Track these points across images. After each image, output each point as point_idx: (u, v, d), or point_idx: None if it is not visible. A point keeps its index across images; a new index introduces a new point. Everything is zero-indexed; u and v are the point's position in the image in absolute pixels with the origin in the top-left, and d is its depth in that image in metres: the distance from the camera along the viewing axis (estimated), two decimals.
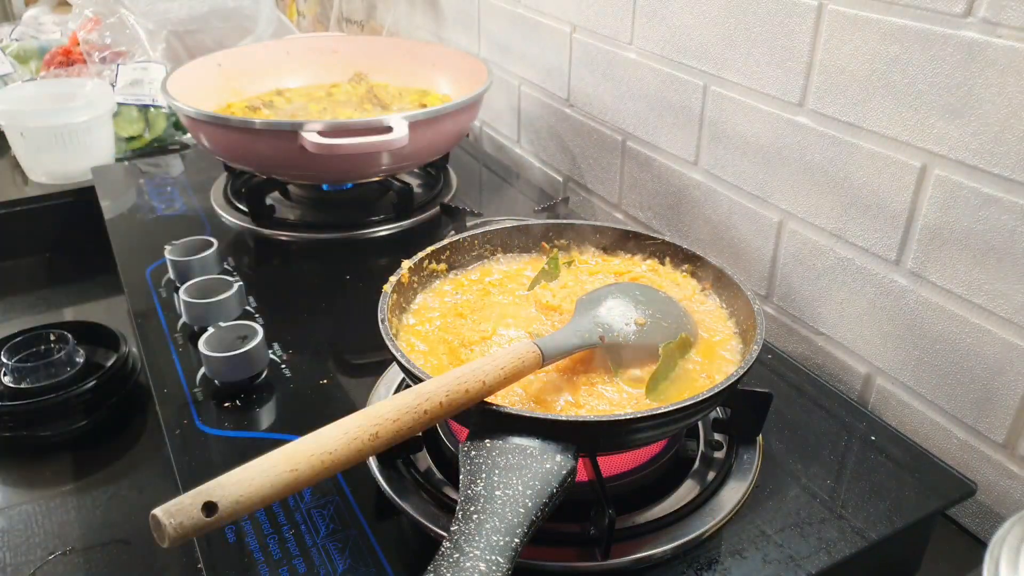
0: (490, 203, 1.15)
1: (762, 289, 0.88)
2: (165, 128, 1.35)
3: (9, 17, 2.40)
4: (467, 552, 0.42)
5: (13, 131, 1.23)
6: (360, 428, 0.47)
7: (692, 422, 0.63)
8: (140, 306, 0.88)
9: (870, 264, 0.75)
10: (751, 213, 0.86)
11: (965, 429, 0.70)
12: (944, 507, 0.65)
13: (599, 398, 0.59)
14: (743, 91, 0.83)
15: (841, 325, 0.80)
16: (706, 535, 0.58)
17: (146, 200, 1.13)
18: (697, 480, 0.63)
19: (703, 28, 0.86)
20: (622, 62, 1.00)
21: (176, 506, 0.41)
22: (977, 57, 0.61)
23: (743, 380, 0.56)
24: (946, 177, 0.66)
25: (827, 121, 0.75)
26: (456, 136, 1.07)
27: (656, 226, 1.02)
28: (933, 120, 0.66)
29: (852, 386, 0.80)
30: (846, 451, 0.68)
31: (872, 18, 0.68)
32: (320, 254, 1.01)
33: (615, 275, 0.73)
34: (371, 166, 0.99)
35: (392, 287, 0.65)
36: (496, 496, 0.46)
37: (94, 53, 1.44)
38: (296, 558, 0.57)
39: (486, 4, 1.29)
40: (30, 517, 0.77)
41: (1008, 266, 0.63)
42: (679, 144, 0.94)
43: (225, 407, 0.72)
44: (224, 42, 1.51)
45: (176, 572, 0.72)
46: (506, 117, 1.33)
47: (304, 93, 1.22)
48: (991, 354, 0.66)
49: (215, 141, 1.00)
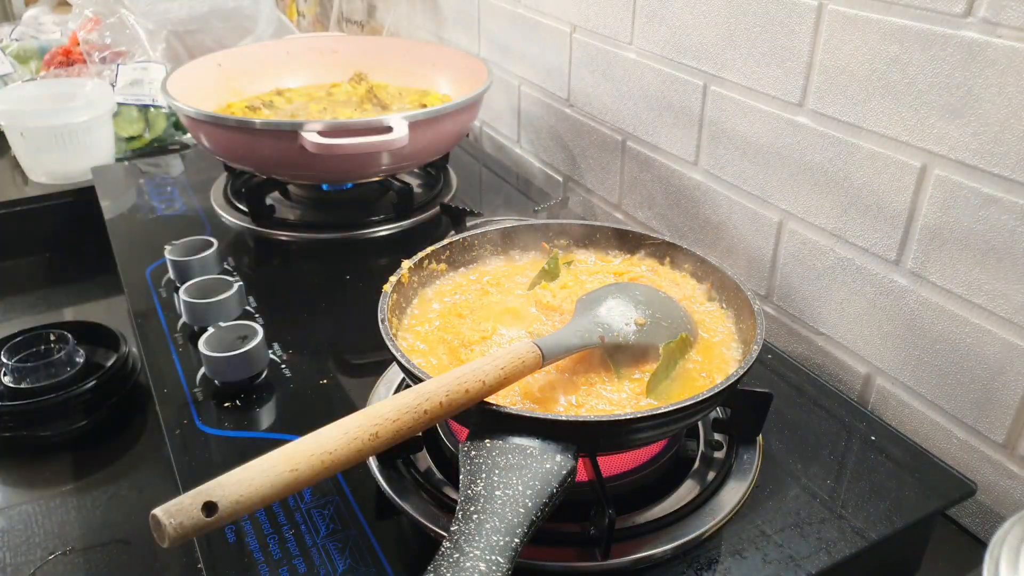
0: (490, 203, 1.15)
1: (762, 289, 0.88)
2: (165, 128, 1.35)
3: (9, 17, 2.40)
4: (467, 552, 0.42)
5: (13, 131, 1.23)
6: (360, 428, 0.47)
7: (692, 422, 0.63)
8: (140, 306, 0.88)
9: (870, 264, 0.75)
10: (751, 213, 0.86)
11: (965, 429, 0.70)
12: (944, 507, 0.65)
13: (599, 398, 0.59)
14: (743, 91, 0.83)
15: (841, 325, 0.80)
16: (706, 535, 0.58)
17: (146, 200, 1.13)
18: (697, 480, 0.63)
19: (703, 28, 0.86)
20: (622, 62, 1.00)
21: (176, 506, 0.41)
22: (977, 57, 0.61)
23: (743, 380, 0.56)
24: (946, 177, 0.66)
25: (827, 121, 0.75)
26: (456, 136, 1.06)
27: (656, 226, 1.02)
28: (933, 120, 0.66)
29: (852, 386, 0.80)
30: (846, 451, 0.68)
31: (872, 18, 0.68)
32: (320, 254, 1.01)
33: (615, 275, 0.73)
34: (371, 166, 0.99)
35: (392, 287, 0.65)
36: (496, 496, 0.46)
37: (94, 53, 1.44)
38: (296, 558, 0.57)
39: (486, 4, 1.29)
40: (30, 517, 0.77)
41: (1008, 266, 0.63)
42: (679, 144, 0.94)
43: (225, 407, 0.72)
44: (224, 42, 1.51)
45: (176, 572, 0.72)
46: (506, 117, 1.33)
47: (304, 93, 1.22)
48: (991, 354, 0.66)
49: (215, 141, 1.00)
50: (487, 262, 0.76)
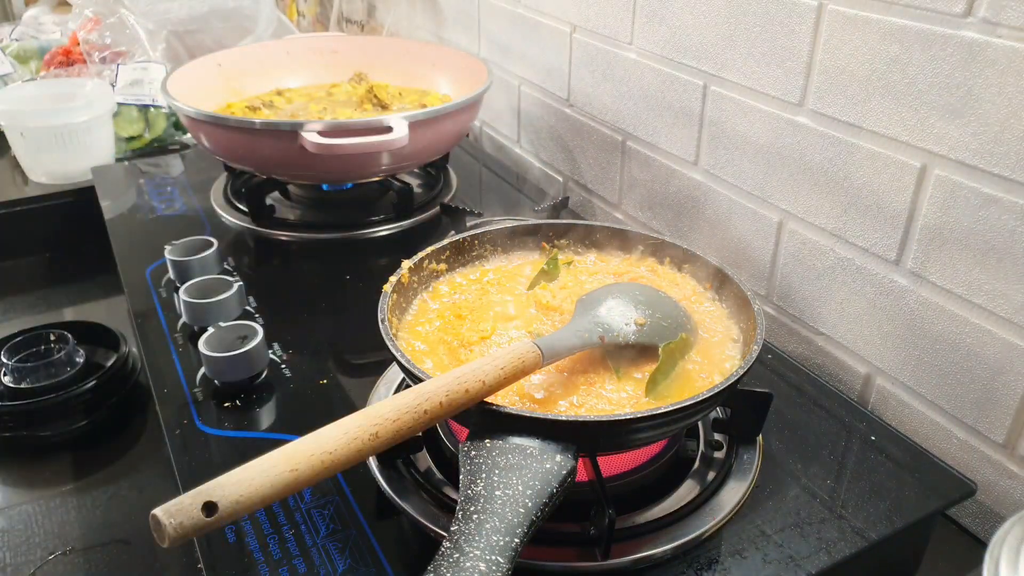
0: (490, 203, 1.15)
1: (762, 289, 0.88)
2: (165, 128, 1.35)
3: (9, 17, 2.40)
4: (467, 552, 0.42)
5: (13, 131, 1.23)
6: (360, 428, 0.47)
7: (692, 422, 0.63)
8: (140, 306, 0.88)
9: (870, 264, 0.75)
10: (751, 213, 0.86)
11: (965, 429, 0.70)
12: (944, 507, 0.65)
13: (599, 398, 0.59)
14: (743, 91, 0.83)
15: (841, 325, 0.80)
16: (706, 535, 0.58)
17: (146, 200, 1.13)
18: (697, 480, 0.63)
19: (703, 28, 0.86)
20: (622, 62, 1.00)
21: (176, 506, 0.41)
22: (977, 57, 0.61)
23: (743, 380, 0.56)
24: (946, 177, 0.66)
25: (827, 121, 0.75)
26: (456, 136, 1.07)
27: (656, 226, 1.02)
28: (933, 120, 0.66)
29: (852, 386, 0.80)
30: (846, 451, 0.68)
31: (872, 18, 0.68)
32: (320, 254, 1.01)
33: (614, 275, 0.73)
34: (371, 166, 0.99)
35: (392, 287, 0.65)
36: (496, 496, 0.46)
37: (94, 53, 1.44)
38: (296, 558, 0.57)
39: (486, 4, 1.29)
40: (30, 517, 0.77)
41: (1008, 266, 0.63)
42: (679, 144, 0.94)
43: (225, 407, 0.72)
44: (224, 42, 1.51)
45: (176, 572, 0.72)
46: (506, 117, 1.33)
47: (304, 93, 1.22)
48: (991, 354, 0.66)
49: (215, 141, 1.00)
50: (487, 262, 0.76)
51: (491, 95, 1.09)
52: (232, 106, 1.16)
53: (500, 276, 0.74)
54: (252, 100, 1.18)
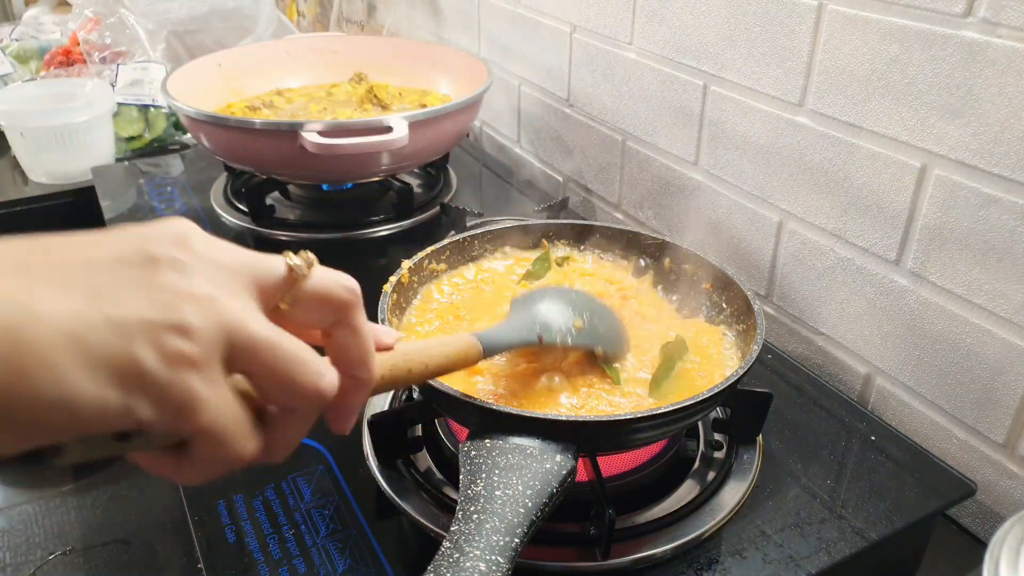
0: (490, 203, 1.15)
1: (762, 289, 0.88)
2: (165, 128, 1.35)
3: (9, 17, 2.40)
4: (467, 552, 0.42)
5: (13, 131, 1.23)
6: None
7: (692, 422, 0.63)
8: None
9: (870, 264, 0.75)
10: (751, 213, 0.86)
11: (965, 429, 0.70)
12: (944, 507, 0.65)
13: (599, 398, 0.59)
14: (743, 91, 0.83)
15: (841, 325, 0.80)
16: (706, 535, 0.58)
17: (146, 200, 1.13)
18: (697, 480, 0.63)
19: (703, 28, 0.86)
20: (622, 62, 1.00)
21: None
22: (977, 57, 0.61)
23: (743, 380, 0.56)
24: (946, 177, 0.66)
25: (827, 121, 0.75)
26: (456, 136, 1.06)
27: (656, 226, 1.02)
28: (933, 120, 0.66)
29: (852, 386, 0.80)
30: (846, 451, 0.68)
31: (872, 18, 0.68)
32: (320, 254, 0.99)
33: (607, 280, 0.73)
34: (371, 166, 0.99)
35: (392, 287, 0.65)
36: (496, 496, 0.46)
37: (94, 53, 1.44)
38: (296, 558, 0.57)
39: (486, 4, 1.29)
40: (30, 517, 0.77)
41: (1008, 266, 0.63)
42: (679, 144, 0.94)
43: None
44: (224, 42, 1.51)
45: (176, 572, 0.72)
46: (506, 117, 1.33)
47: (304, 93, 1.22)
48: (991, 354, 0.66)
49: (215, 141, 1.00)
50: (487, 262, 0.76)
51: (491, 95, 1.09)
52: (232, 106, 1.16)
53: (500, 276, 0.74)
54: (252, 100, 1.18)
